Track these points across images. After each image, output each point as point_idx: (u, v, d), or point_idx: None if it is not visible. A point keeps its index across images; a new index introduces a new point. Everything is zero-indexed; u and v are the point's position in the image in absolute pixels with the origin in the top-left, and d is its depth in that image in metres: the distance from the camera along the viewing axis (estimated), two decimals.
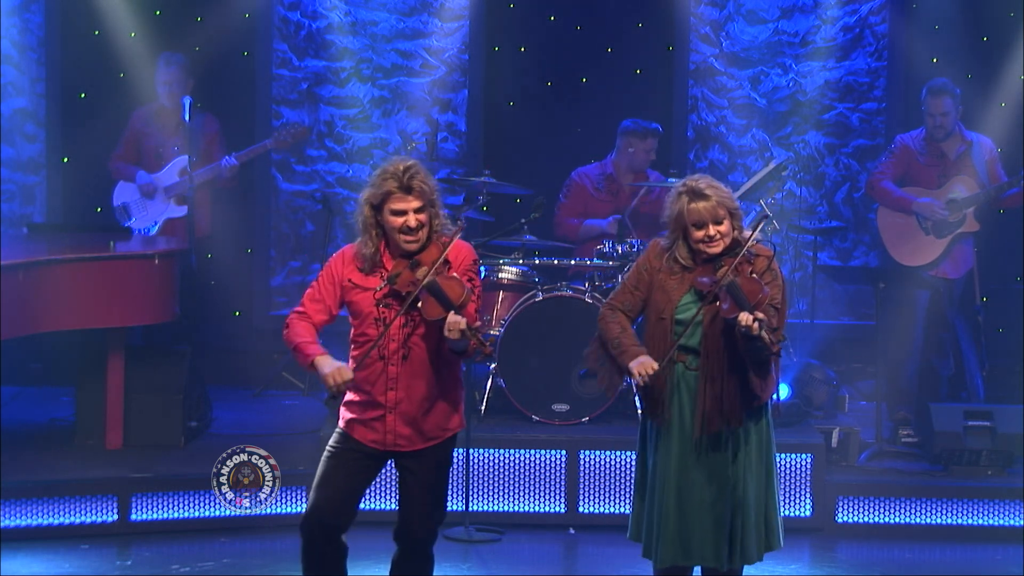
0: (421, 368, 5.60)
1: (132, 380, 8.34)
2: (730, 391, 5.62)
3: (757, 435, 5.73)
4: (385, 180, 5.52)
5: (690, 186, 5.68)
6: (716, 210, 5.62)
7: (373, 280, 5.59)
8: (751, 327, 5.39)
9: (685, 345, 5.66)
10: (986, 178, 9.15)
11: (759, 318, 5.40)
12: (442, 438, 5.69)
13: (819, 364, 9.07)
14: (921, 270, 9.19)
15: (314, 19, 10.40)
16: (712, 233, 5.62)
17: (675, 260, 5.70)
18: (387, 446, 5.62)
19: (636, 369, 5.59)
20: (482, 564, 7.50)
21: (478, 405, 8.46)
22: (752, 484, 5.70)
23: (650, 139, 9.32)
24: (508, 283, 8.69)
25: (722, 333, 5.59)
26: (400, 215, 5.52)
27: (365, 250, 5.60)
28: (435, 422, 5.65)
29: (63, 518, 7.68)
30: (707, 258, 5.66)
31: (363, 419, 5.62)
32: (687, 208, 5.64)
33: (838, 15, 10.43)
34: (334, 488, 5.63)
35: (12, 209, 10.24)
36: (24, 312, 7.63)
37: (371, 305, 5.58)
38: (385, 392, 5.58)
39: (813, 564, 7.74)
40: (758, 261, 5.68)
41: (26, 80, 10.21)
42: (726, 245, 5.65)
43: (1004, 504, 8.16)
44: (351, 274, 5.62)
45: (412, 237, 5.55)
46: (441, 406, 5.66)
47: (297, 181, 10.49)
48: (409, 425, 5.61)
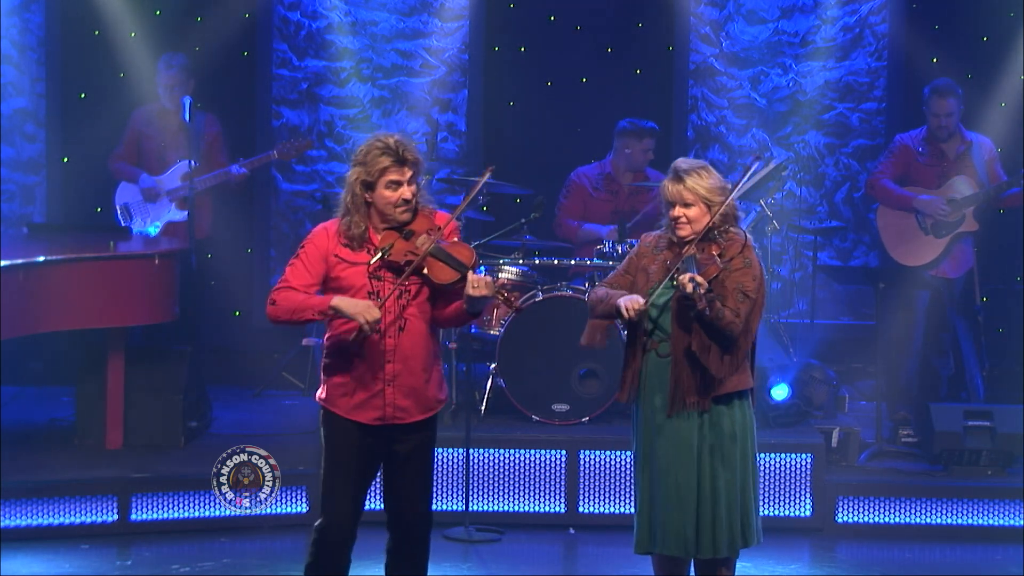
0: (416, 339, 5.60)
1: (132, 380, 8.34)
2: (695, 373, 5.68)
3: (731, 426, 5.76)
4: (379, 156, 5.52)
5: (674, 166, 5.81)
6: (683, 193, 5.71)
7: (362, 255, 5.58)
8: (684, 285, 5.47)
9: (656, 328, 5.75)
10: (986, 178, 9.15)
11: (697, 279, 5.47)
12: (436, 409, 5.70)
13: (819, 364, 9.07)
14: (921, 270, 9.19)
15: (314, 19, 10.41)
16: (678, 214, 5.72)
17: (665, 240, 5.82)
18: (387, 420, 5.59)
19: (624, 304, 5.66)
20: (482, 564, 7.50)
21: (478, 405, 8.47)
22: (724, 476, 5.73)
23: (646, 139, 9.32)
24: (508, 283, 8.69)
25: (683, 316, 5.66)
26: (396, 188, 5.54)
27: (355, 230, 5.56)
28: (431, 393, 5.67)
29: (63, 518, 7.69)
30: (679, 241, 5.75)
31: (361, 399, 5.59)
32: (665, 186, 5.78)
33: (838, 15, 10.43)
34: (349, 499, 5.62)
35: (12, 209, 10.24)
36: (24, 312, 7.63)
37: (363, 279, 5.55)
38: (383, 365, 5.58)
39: (813, 564, 7.74)
40: (730, 245, 5.74)
41: (26, 80, 10.21)
42: (694, 231, 5.72)
43: (1004, 504, 8.16)
44: (338, 249, 5.59)
45: (407, 207, 5.57)
46: (434, 376, 5.69)
47: (297, 181, 10.50)
48: (408, 396, 5.60)
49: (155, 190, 9.42)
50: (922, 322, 9.23)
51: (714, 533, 5.73)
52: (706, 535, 5.73)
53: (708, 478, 5.73)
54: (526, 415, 8.42)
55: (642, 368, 5.80)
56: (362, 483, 5.67)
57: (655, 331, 5.78)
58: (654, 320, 5.77)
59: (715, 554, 5.75)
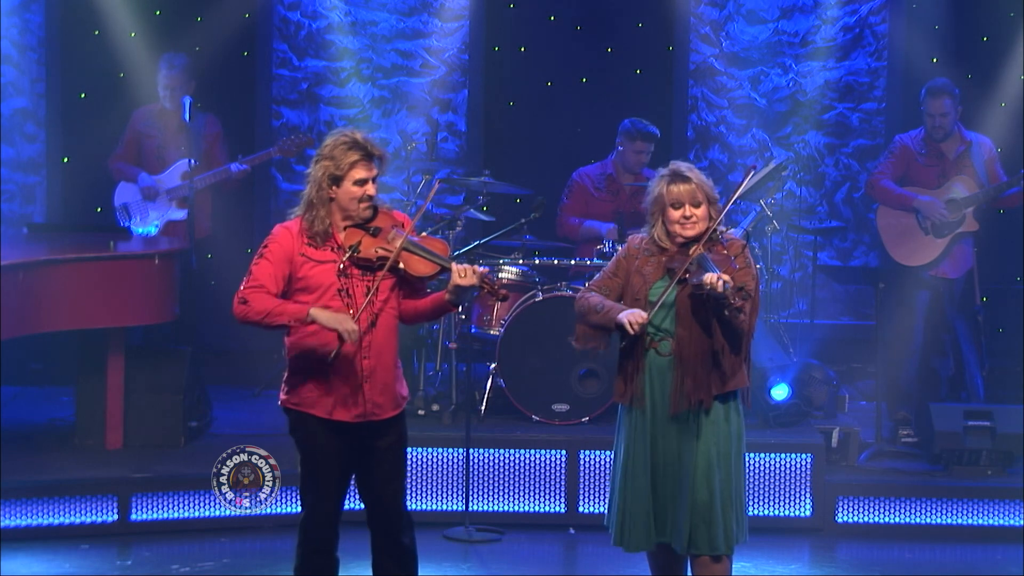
0: (388, 334, 5.63)
1: (132, 380, 8.34)
2: (701, 373, 5.71)
3: (727, 424, 5.80)
4: (347, 151, 5.53)
5: (672, 169, 5.85)
6: (695, 192, 5.77)
7: (326, 253, 5.58)
8: (715, 285, 5.49)
9: (657, 327, 5.75)
10: (985, 178, 9.15)
11: (724, 278, 5.50)
12: (402, 406, 5.73)
13: (819, 364, 9.07)
14: (921, 270, 9.19)
15: (314, 19, 10.41)
16: (688, 214, 5.76)
17: (653, 241, 5.83)
18: (367, 416, 5.61)
19: (628, 319, 5.69)
20: (482, 564, 7.49)
21: (478, 405, 8.46)
22: (721, 473, 5.76)
23: (639, 141, 9.29)
24: (508, 283, 8.69)
25: (694, 315, 5.69)
26: (362, 184, 5.56)
27: (319, 226, 5.56)
28: (399, 390, 5.71)
29: (63, 518, 7.68)
30: (683, 243, 5.77)
31: (340, 397, 5.59)
32: (667, 188, 5.79)
33: (838, 15, 10.44)
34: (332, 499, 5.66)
35: (12, 209, 10.24)
36: (24, 312, 7.63)
37: (331, 277, 5.56)
38: (360, 361, 5.58)
39: (813, 564, 7.74)
40: (732, 246, 5.81)
41: (26, 80, 10.21)
42: (701, 230, 5.76)
43: (1004, 504, 8.16)
44: (303, 248, 5.59)
45: (369, 203, 5.60)
46: (399, 372, 5.72)
47: (297, 181, 10.49)
48: (383, 393, 5.63)
49: (154, 189, 9.42)
50: (922, 322, 9.23)
51: (710, 530, 5.75)
52: (702, 532, 5.75)
53: (705, 474, 5.74)
54: (526, 415, 8.42)
55: (644, 368, 5.81)
56: (342, 482, 5.70)
57: (656, 331, 5.79)
58: (654, 322, 5.78)
59: (712, 551, 5.77)
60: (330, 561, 5.71)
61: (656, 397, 5.79)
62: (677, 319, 5.73)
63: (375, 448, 5.68)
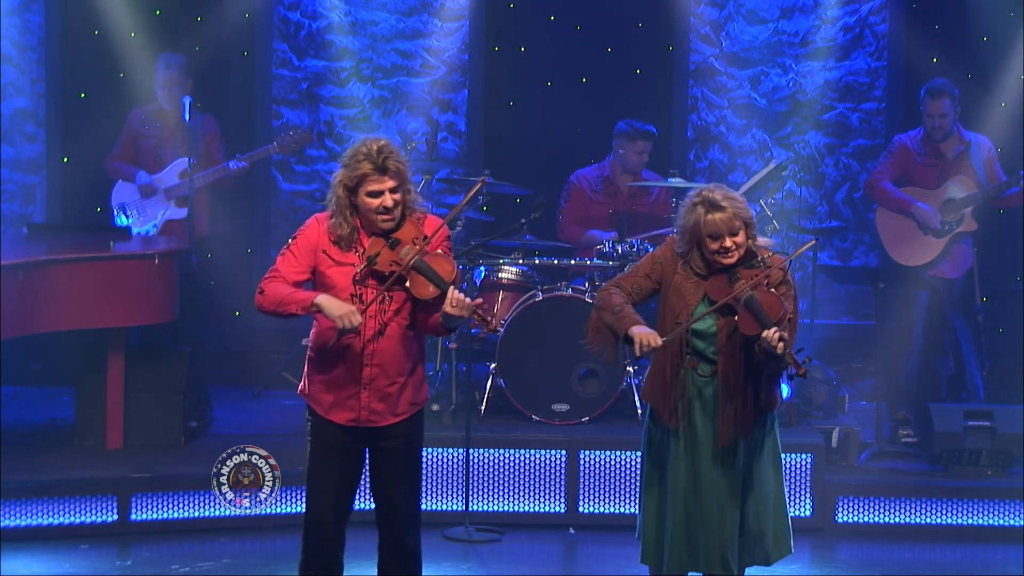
0: (394, 344, 5.60)
1: (132, 380, 8.34)
2: (747, 403, 5.67)
3: (770, 442, 5.80)
4: (360, 162, 5.50)
5: (706, 196, 5.69)
6: (732, 221, 5.66)
7: (350, 256, 5.58)
8: (775, 346, 5.41)
9: (699, 352, 5.70)
10: (984, 178, 9.15)
11: (784, 337, 5.42)
12: (409, 413, 5.70)
13: (819, 364, 9.07)
14: (920, 270, 9.19)
15: (314, 19, 10.40)
16: (728, 245, 5.66)
17: (690, 267, 5.73)
18: (362, 422, 5.62)
19: (639, 336, 5.58)
20: (482, 564, 7.49)
21: (478, 405, 8.46)
22: (764, 490, 5.75)
23: (639, 141, 9.29)
24: (508, 283, 8.69)
25: (739, 347, 5.61)
26: (376, 196, 5.52)
27: (340, 231, 5.57)
28: (407, 397, 5.68)
29: (63, 518, 7.69)
30: (721, 268, 5.69)
31: (338, 399, 5.61)
32: (704, 219, 5.66)
33: (838, 15, 10.43)
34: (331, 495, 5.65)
35: (12, 209, 10.23)
36: (24, 312, 7.63)
37: (347, 282, 5.56)
38: (361, 368, 5.58)
39: (813, 564, 7.74)
40: (773, 273, 5.70)
41: (26, 80, 10.21)
42: (741, 255, 5.68)
43: (1004, 504, 8.16)
44: (327, 245, 5.60)
45: (388, 216, 5.55)
46: (412, 380, 5.69)
47: (297, 181, 10.50)
48: (382, 400, 5.62)
49: (152, 187, 9.42)
50: (922, 322, 9.23)
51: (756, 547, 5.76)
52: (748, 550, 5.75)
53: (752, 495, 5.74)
54: (526, 415, 8.42)
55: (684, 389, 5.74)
56: (345, 480, 5.69)
57: (693, 353, 5.72)
58: (694, 346, 5.71)
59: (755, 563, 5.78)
60: (331, 559, 5.70)
61: (696, 419, 5.74)
62: (720, 352, 5.67)
63: (381, 449, 5.70)
